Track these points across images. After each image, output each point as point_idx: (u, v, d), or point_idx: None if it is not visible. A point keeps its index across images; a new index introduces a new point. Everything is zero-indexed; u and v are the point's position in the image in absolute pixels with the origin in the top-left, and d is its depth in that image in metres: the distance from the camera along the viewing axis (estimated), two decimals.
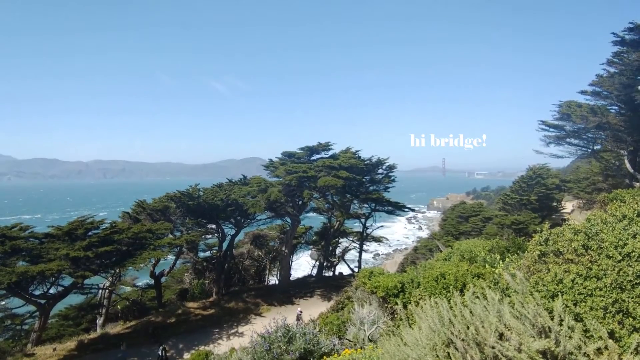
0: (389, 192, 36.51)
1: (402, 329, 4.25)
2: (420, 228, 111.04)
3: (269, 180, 30.95)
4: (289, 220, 31.99)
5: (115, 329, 23.31)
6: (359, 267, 36.76)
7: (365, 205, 36.40)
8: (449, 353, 3.02)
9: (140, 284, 32.38)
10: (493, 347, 2.71)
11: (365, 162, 33.14)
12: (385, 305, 8.73)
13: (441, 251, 15.83)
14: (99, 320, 24.32)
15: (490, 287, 3.69)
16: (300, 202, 30.69)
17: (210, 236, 31.27)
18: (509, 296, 3.15)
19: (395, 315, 7.46)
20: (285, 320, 6.90)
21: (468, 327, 3.18)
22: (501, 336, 2.84)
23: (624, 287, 2.88)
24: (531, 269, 3.81)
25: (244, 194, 28.04)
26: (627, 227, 3.36)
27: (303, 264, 44.40)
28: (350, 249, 39.83)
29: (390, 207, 36.53)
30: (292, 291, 30.04)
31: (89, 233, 21.00)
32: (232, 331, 22.89)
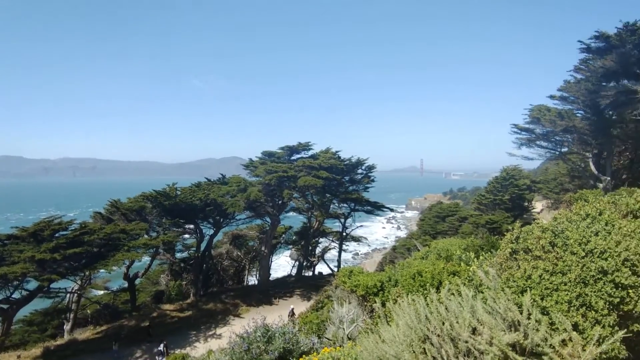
0: (368, 192, 36.94)
1: (380, 327, 4.34)
2: (398, 228, 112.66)
3: (249, 179, 30.71)
4: (268, 220, 31.82)
5: (84, 334, 22.54)
6: (339, 266, 36.99)
7: (345, 205, 36.68)
8: (424, 349, 3.12)
9: (113, 287, 31.36)
10: (466, 342, 2.83)
11: (345, 163, 33.40)
12: (365, 303, 8.85)
13: (419, 250, 16.17)
14: (67, 326, 23.37)
15: (464, 284, 3.83)
16: (280, 202, 30.59)
17: (188, 236, 30.69)
18: (482, 292, 3.29)
19: (374, 313, 7.59)
20: (265, 320, 6.90)
21: (443, 323, 3.29)
22: (474, 331, 2.96)
23: (587, 282, 3.05)
24: (503, 266, 3.97)
25: (223, 193, 27.67)
26: (590, 225, 3.56)
27: (283, 264, 44.24)
28: (330, 249, 40.02)
29: (369, 207, 36.95)
30: (272, 291, 29.90)
31: (57, 234, 20.13)
32: (210, 333, 22.58)
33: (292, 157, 32.92)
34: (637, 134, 25.27)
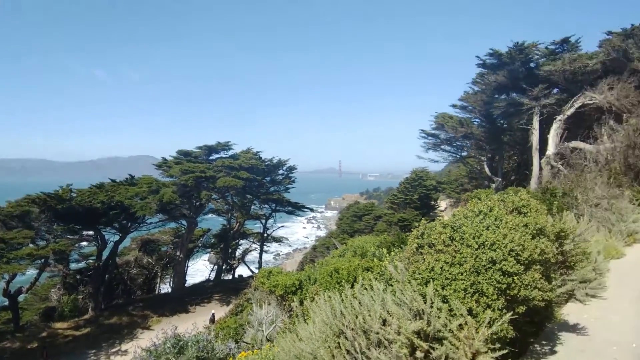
0: (289, 192, 37.07)
1: (298, 325, 4.33)
2: (319, 227, 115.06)
3: (162, 180, 28.52)
4: (184, 222, 30.01)
5: None
6: (259, 268, 36.46)
7: (266, 206, 36.33)
8: (339, 343, 3.19)
9: None
10: (377, 333, 2.96)
11: (266, 163, 33.08)
12: (284, 303, 8.81)
13: (337, 248, 16.72)
14: None
15: (376, 279, 4.01)
16: (197, 204, 29.06)
17: (86, 244, 27.28)
18: (392, 285, 3.48)
19: (293, 312, 7.59)
20: (177, 330, 6.42)
21: (357, 317, 3.40)
22: (384, 322, 3.11)
23: (479, 271, 3.38)
24: (410, 260, 4.24)
25: (132, 195, 25.27)
26: (482, 220, 3.98)
27: (201, 269, 42.03)
28: (250, 251, 39.20)
29: (290, 208, 37.14)
30: (188, 298, 28.19)
31: None
32: (114, 350, 20.42)
33: (211, 157, 31.56)
34: (523, 141, 29.57)
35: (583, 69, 23.57)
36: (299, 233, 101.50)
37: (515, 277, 3.28)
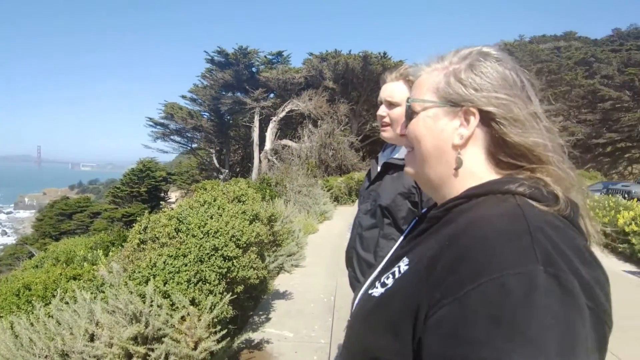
0: None
1: None
2: (5, 233, 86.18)
3: None
4: None
5: None
6: None
7: None
8: None
9: None
10: (82, 352, 2.45)
11: None
12: None
13: (30, 258, 13.01)
14: None
15: (84, 287, 3.35)
16: None
17: None
18: (104, 292, 2.99)
19: None
20: None
21: (53, 340, 2.71)
22: (93, 337, 2.62)
23: (203, 260, 3.44)
24: (130, 258, 3.82)
25: None
26: (207, 210, 4.08)
27: None
28: None
29: None
30: None
31: None
32: None
33: None
34: (247, 137, 32.88)
35: (292, 80, 28.83)
36: None
37: (234, 261, 3.54)
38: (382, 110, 1.66)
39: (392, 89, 1.63)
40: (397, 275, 0.63)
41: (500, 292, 0.45)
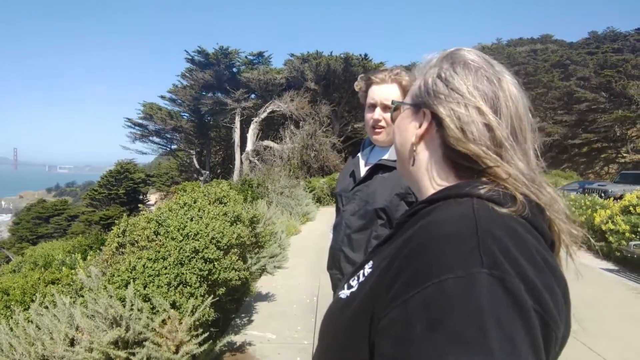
0: None
1: None
2: None
3: None
4: None
5: None
6: None
7: None
8: None
9: None
10: (62, 357, 2.44)
11: None
12: None
13: (7, 262, 12.56)
14: None
15: (63, 292, 3.31)
16: None
17: None
18: (83, 296, 2.97)
19: None
20: None
21: (33, 345, 2.68)
22: (73, 342, 2.61)
23: (183, 262, 3.44)
24: (109, 262, 3.79)
25: None
26: (187, 212, 4.08)
27: None
28: None
29: None
30: None
31: None
32: None
33: None
34: (228, 138, 32.57)
35: (273, 80, 28.68)
36: None
37: (215, 263, 3.56)
38: (378, 114, 1.62)
39: (388, 92, 1.59)
40: (361, 278, 0.65)
41: (440, 296, 0.45)
